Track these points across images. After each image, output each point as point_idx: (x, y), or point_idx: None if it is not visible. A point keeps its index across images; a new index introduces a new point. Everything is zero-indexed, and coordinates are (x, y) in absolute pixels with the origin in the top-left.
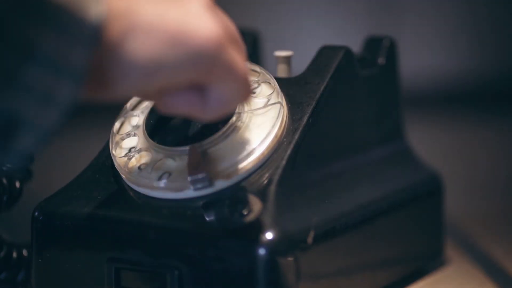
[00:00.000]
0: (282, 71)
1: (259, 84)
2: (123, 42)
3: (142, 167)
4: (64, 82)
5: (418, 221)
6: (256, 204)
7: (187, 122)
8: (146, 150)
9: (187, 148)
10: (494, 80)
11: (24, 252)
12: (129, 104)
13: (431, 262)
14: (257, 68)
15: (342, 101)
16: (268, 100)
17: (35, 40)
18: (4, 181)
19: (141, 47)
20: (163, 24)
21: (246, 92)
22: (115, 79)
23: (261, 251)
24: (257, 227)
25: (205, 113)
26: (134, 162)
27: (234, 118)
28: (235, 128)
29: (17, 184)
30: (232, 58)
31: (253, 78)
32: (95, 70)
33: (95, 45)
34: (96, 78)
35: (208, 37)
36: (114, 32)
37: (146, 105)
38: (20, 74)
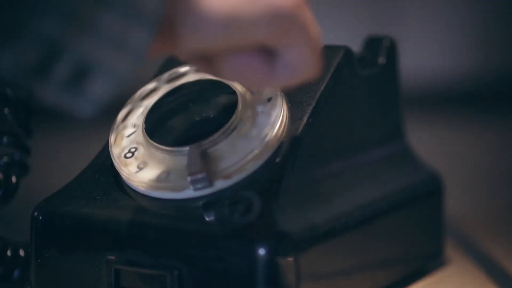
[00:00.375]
0: None
1: None
2: None
3: (141, 167)
4: (138, 29)
5: (418, 221)
6: (256, 204)
7: (187, 121)
8: (146, 150)
9: (186, 148)
10: (495, 80)
11: (21, 252)
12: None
13: (431, 262)
14: None
15: (342, 101)
16: (268, 100)
17: None
18: (0, 176)
19: None
20: None
21: (318, 62)
22: (186, 32)
23: (261, 251)
24: (257, 227)
25: (270, 81)
26: (133, 161)
27: (233, 118)
28: (235, 128)
29: (14, 179)
30: (309, 21)
31: None
32: (167, 20)
33: None
34: (167, 30)
35: None
36: None
37: (146, 105)
38: (96, 20)
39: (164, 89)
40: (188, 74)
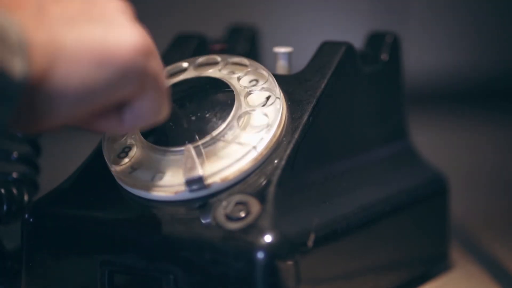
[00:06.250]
0: (281, 68)
1: (257, 82)
2: (50, 75)
3: (135, 167)
4: None
5: (422, 224)
6: (254, 206)
7: (183, 121)
8: (140, 150)
9: (182, 148)
10: (501, 77)
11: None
12: None
13: (435, 266)
14: (255, 64)
15: (344, 99)
16: (267, 98)
17: None
18: (14, 191)
19: (68, 74)
20: (86, 46)
21: (166, 108)
22: (46, 112)
23: (260, 255)
24: (256, 230)
25: (121, 129)
26: (127, 162)
27: (230, 117)
28: (232, 128)
29: (26, 197)
30: (158, 67)
31: (252, 74)
32: (24, 109)
33: (19, 100)
34: (26, 116)
35: (133, 48)
36: (39, 68)
37: None
38: None
39: None
40: (184, 72)
